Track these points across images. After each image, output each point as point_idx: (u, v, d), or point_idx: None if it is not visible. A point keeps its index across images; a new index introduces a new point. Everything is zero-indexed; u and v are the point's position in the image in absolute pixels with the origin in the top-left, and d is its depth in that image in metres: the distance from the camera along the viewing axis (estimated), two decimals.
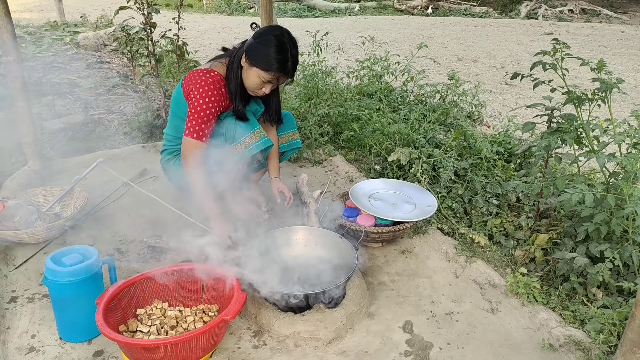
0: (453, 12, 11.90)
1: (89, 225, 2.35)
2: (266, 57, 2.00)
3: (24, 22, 8.04)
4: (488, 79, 5.68)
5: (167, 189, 2.57)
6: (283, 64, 2.01)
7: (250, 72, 2.06)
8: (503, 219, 2.37)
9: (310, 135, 3.33)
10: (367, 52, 4.52)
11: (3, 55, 2.60)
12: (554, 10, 11.40)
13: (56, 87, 4.65)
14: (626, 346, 1.34)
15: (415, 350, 1.64)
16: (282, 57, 2.01)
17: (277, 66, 2.01)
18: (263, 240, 1.97)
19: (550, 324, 1.72)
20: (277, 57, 2.00)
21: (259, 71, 2.03)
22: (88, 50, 6.43)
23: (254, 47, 2.04)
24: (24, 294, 1.88)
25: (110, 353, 1.60)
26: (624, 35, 8.58)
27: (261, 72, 2.03)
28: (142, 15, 3.63)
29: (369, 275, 2.04)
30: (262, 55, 2.01)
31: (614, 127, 1.94)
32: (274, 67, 2.01)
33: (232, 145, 2.18)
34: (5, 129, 3.48)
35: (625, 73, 5.79)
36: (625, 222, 1.87)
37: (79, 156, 3.13)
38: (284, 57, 2.01)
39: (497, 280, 1.97)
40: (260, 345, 1.65)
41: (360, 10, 12.10)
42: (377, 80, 4.16)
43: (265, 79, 2.04)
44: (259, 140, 2.18)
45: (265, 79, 2.04)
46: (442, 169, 2.62)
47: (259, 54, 2.02)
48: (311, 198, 2.44)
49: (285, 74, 2.06)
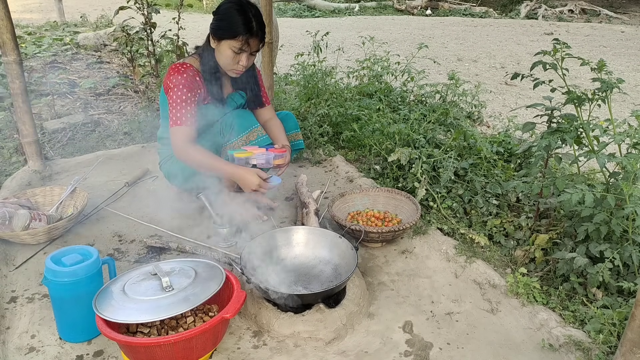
0: (453, 12, 11.90)
1: (89, 225, 2.36)
2: (229, 25, 2.05)
3: (24, 22, 8.04)
4: (488, 79, 5.68)
5: (167, 189, 2.58)
6: (247, 24, 2.05)
7: (221, 47, 2.10)
8: (503, 219, 2.37)
9: (310, 135, 3.33)
10: (367, 52, 4.52)
11: (3, 55, 2.60)
12: (554, 11, 11.40)
13: (56, 87, 4.65)
14: (626, 346, 1.34)
15: (415, 350, 1.64)
16: (245, 19, 2.04)
17: (242, 28, 2.04)
18: (263, 240, 1.97)
19: (550, 324, 1.72)
20: (240, 19, 2.04)
21: (229, 42, 2.07)
22: (88, 50, 6.43)
23: (216, 22, 2.10)
24: (24, 294, 1.88)
25: (110, 353, 1.60)
26: (624, 36, 8.58)
27: (230, 42, 2.06)
28: (142, 15, 3.63)
29: (369, 275, 2.04)
30: (226, 25, 2.06)
31: (614, 127, 1.94)
32: (240, 30, 2.04)
33: (229, 143, 2.19)
34: (5, 129, 3.49)
35: (625, 73, 5.79)
36: (625, 222, 1.87)
37: (79, 156, 3.13)
38: (247, 18, 2.05)
39: (497, 281, 1.97)
40: (260, 345, 1.65)
41: (360, 10, 12.10)
42: (377, 81, 4.16)
43: (235, 47, 2.07)
44: (256, 138, 2.18)
45: (236, 48, 2.07)
46: (442, 169, 2.62)
47: (222, 25, 2.07)
48: (310, 198, 2.44)
49: (253, 35, 2.08)
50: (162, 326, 1.58)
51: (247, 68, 2.18)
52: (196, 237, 2.25)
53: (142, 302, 1.47)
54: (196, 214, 2.42)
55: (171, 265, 1.68)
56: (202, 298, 1.49)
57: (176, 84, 2.10)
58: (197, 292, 1.51)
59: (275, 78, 4.30)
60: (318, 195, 2.58)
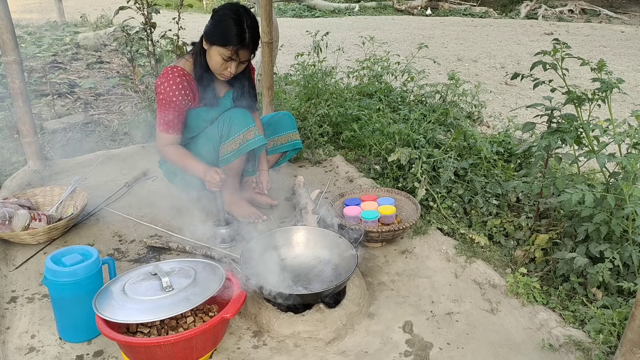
0: (453, 12, 11.90)
1: (89, 225, 2.36)
2: (223, 33, 2.02)
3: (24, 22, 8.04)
4: (488, 79, 5.68)
5: (167, 189, 2.58)
6: (240, 36, 2.02)
7: (212, 52, 2.08)
8: (503, 219, 2.37)
9: (310, 135, 3.33)
10: (367, 52, 4.52)
11: (3, 55, 2.60)
12: (554, 11, 11.40)
13: (56, 87, 4.65)
14: (626, 346, 1.34)
15: (415, 350, 1.64)
16: (239, 29, 2.01)
17: (235, 39, 2.01)
18: (263, 240, 1.97)
19: (550, 324, 1.72)
20: (234, 30, 2.01)
21: (219, 48, 2.04)
22: (88, 50, 6.43)
23: (210, 26, 2.07)
24: (24, 294, 1.88)
25: (110, 353, 1.60)
26: (624, 36, 8.58)
27: (220, 49, 2.04)
28: (142, 15, 3.63)
29: (369, 275, 2.04)
30: (219, 31, 2.03)
31: (614, 127, 1.94)
32: (232, 41, 2.01)
33: (226, 142, 2.19)
34: (5, 129, 3.49)
35: (625, 73, 5.79)
36: (625, 222, 1.87)
37: (79, 156, 3.13)
38: (241, 29, 2.01)
39: (497, 281, 1.97)
40: (260, 345, 1.65)
41: (360, 10, 12.10)
42: (377, 81, 4.16)
43: (225, 55, 2.05)
44: (253, 137, 2.19)
45: (226, 56, 2.05)
46: (442, 169, 2.62)
47: (215, 31, 2.04)
48: (308, 199, 2.44)
49: (244, 47, 2.05)
50: (162, 326, 1.58)
51: (235, 74, 2.16)
52: (196, 237, 2.25)
53: (142, 302, 1.47)
54: (196, 214, 2.42)
55: (171, 265, 1.68)
56: (202, 298, 1.49)
57: (165, 90, 2.11)
58: (197, 292, 1.51)
59: (275, 78, 4.30)
60: (317, 194, 2.58)
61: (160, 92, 2.13)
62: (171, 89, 2.11)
